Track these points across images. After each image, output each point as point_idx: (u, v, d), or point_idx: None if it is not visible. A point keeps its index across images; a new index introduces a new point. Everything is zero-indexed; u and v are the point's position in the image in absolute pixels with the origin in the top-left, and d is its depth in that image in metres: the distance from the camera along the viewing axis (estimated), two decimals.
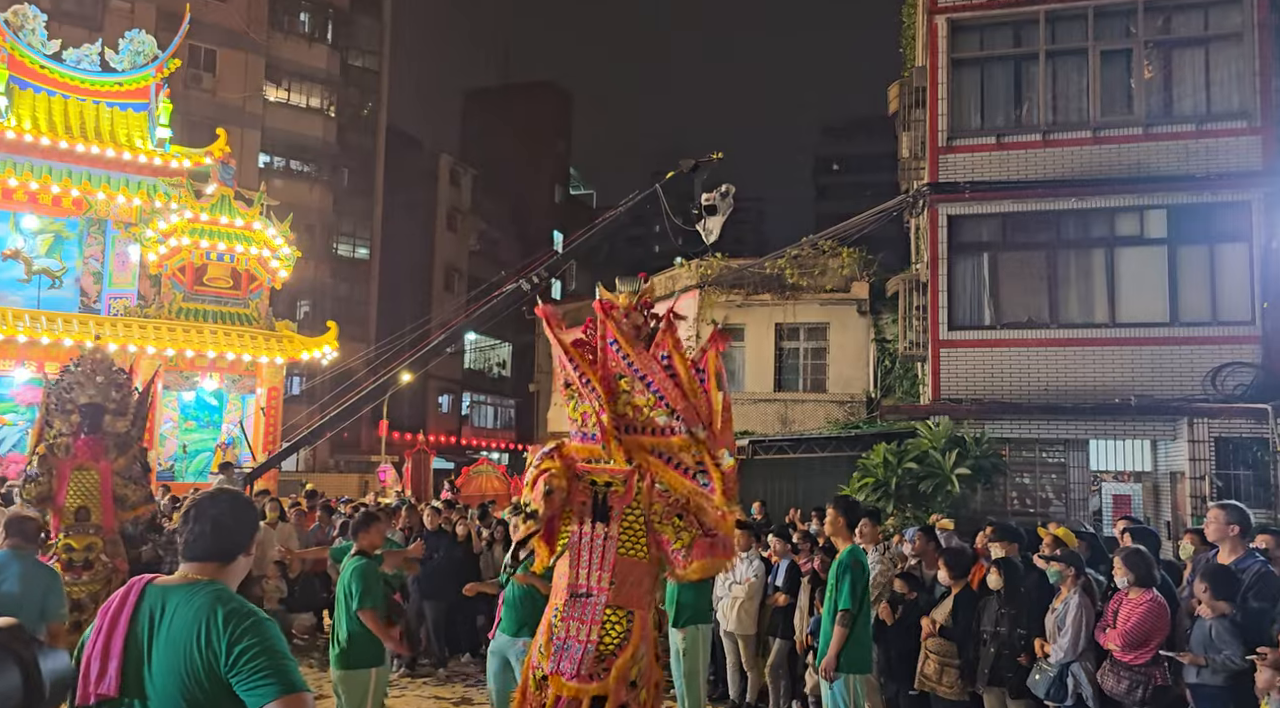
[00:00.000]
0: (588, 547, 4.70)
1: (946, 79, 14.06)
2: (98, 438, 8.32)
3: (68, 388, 8.50)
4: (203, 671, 2.39)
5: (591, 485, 4.75)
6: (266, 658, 2.38)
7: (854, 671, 5.94)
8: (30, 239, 19.21)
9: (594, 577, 4.66)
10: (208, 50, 32.90)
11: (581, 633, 4.61)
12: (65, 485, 8.06)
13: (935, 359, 13.72)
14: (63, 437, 8.24)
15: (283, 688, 2.36)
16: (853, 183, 58.82)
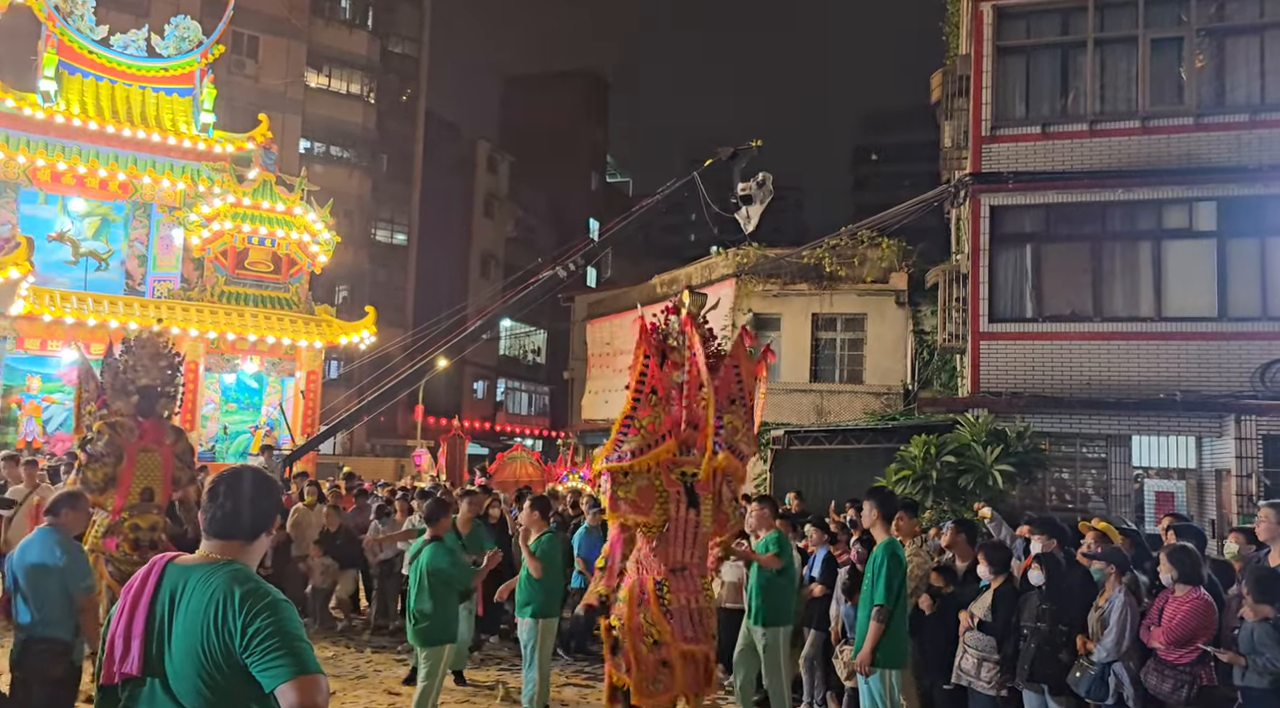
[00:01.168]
0: (683, 529, 5.80)
1: (991, 67, 13.82)
2: (158, 421, 8.42)
3: (128, 369, 8.50)
4: (219, 650, 2.40)
5: (681, 476, 5.83)
6: (280, 639, 2.38)
7: (890, 665, 5.90)
8: (78, 222, 19.57)
9: (688, 554, 5.82)
10: (250, 36, 33.23)
11: (690, 601, 5.78)
12: (133, 467, 8.15)
13: (975, 352, 13.55)
14: (124, 417, 8.26)
15: (296, 669, 2.36)
16: (892, 173, 58.29)
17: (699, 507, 5.83)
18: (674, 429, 5.84)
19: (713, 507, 5.91)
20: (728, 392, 6.05)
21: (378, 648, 10.19)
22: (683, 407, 5.95)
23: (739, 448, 5.97)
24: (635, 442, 5.75)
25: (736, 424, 6.00)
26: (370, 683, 8.70)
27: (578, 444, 27.89)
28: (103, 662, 2.53)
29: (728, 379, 6.06)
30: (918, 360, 19.56)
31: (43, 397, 18.64)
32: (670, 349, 6.07)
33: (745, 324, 8.04)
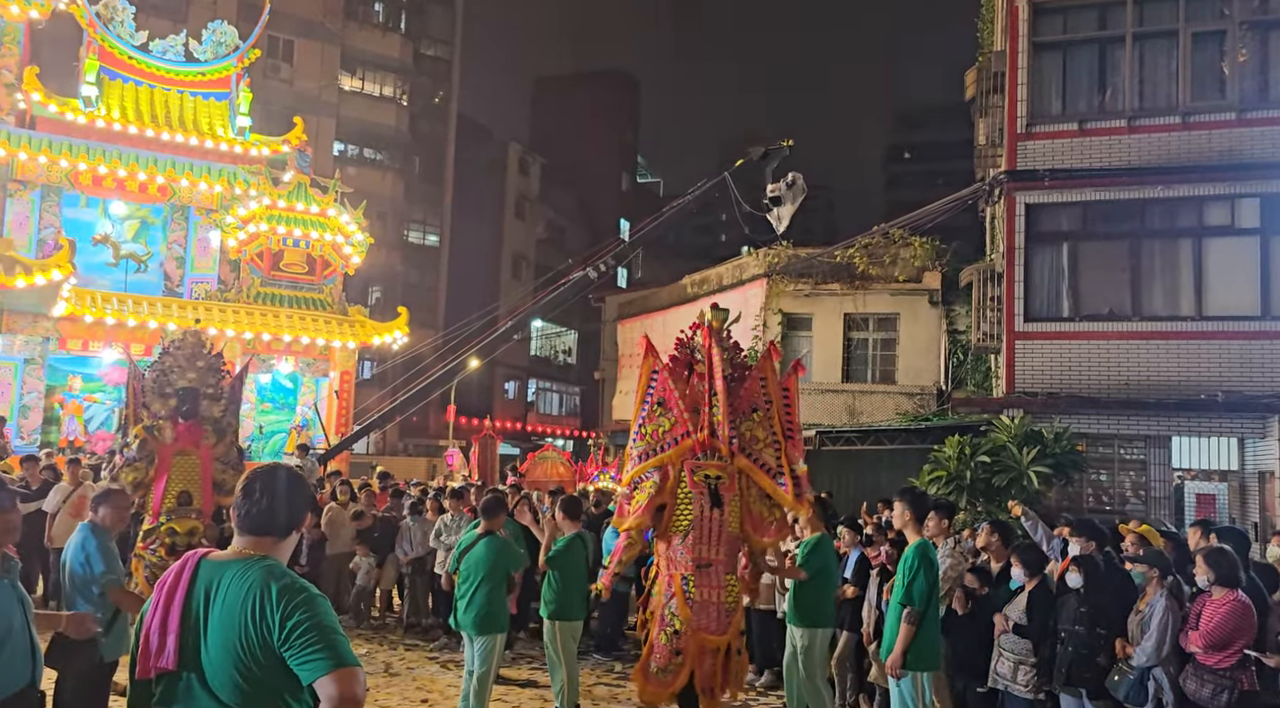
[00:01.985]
0: (707, 527, 6.21)
1: (1027, 63, 13.66)
2: (196, 423, 8.26)
3: (166, 371, 8.39)
4: (257, 644, 2.42)
5: (705, 478, 6.29)
6: (318, 633, 2.40)
7: (922, 667, 5.83)
8: (118, 225, 19.92)
9: (713, 550, 6.21)
10: (285, 40, 33.65)
11: (714, 596, 6.15)
12: (167, 470, 8.08)
13: (1010, 351, 13.39)
14: (161, 420, 8.15)
15: (334, 662, 2.38)
16: (925, 171, 57.79)
17: (723, 507, 6.24)
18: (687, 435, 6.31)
19: (740, 508, 6.30)
20: (750, 401, 6.44)
21: (410, 646, 10.26)
22: (708, 415, 6.35)
23: (759, 456, 6.36)
24: (641, 446, 6.31)
25: (757, 433, 6.40)
26: (403, 680, 8.76)
27: (608, 444, 27.93)
28: (137, 657, 2.56)
29: (751, 390, 6.47)
30: (951, 360, 19.37)
31: (84, 396, 18.98)
32: (697, 363, 6.55)
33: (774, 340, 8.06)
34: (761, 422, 6.42)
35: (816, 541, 7.29)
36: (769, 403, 6.45)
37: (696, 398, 6.42)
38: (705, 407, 6.37)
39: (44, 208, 18.89)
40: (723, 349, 6.47)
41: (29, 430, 17.96)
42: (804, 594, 7.08)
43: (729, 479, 6.28)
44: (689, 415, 6.36)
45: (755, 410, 6.43)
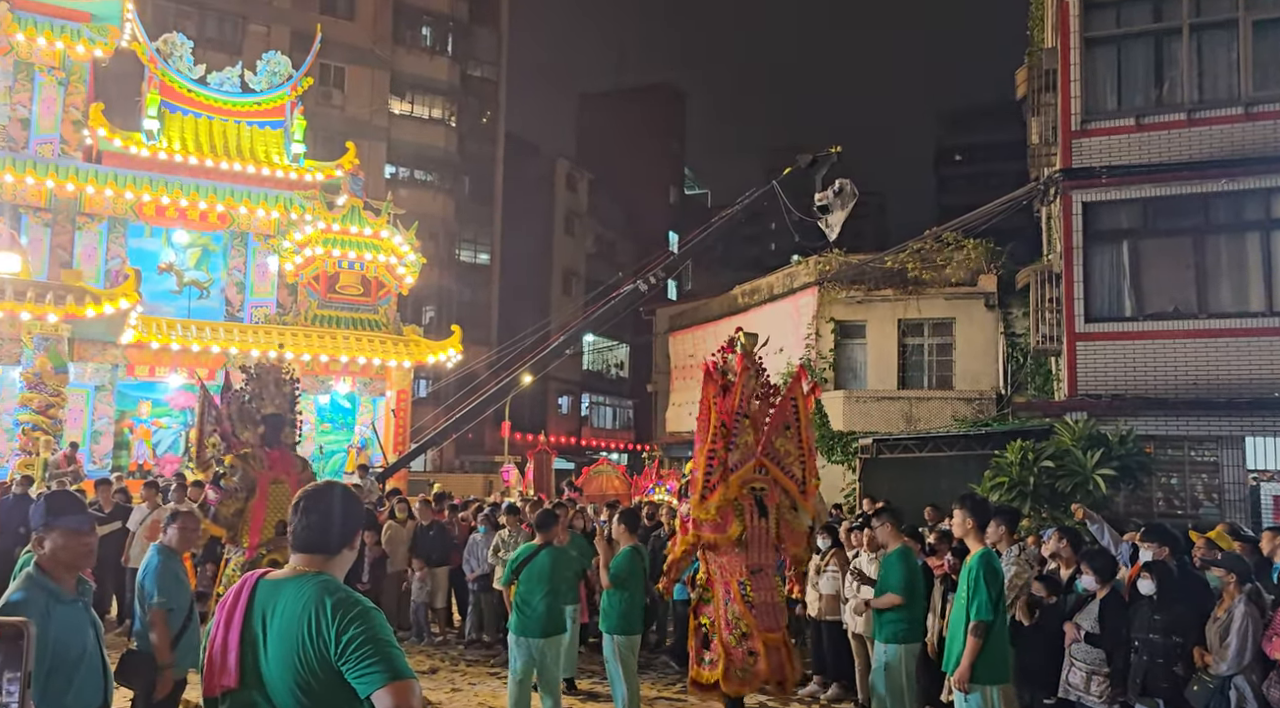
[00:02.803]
0: (758, 536, 7.01)
1: (1079, 60, 13.39)
2: (285, 451, 8.18)
3: (251, 398, 8.25)
4: (314, 659, 2.45)
5: (752, 490, 7.04)
6: (373, 647, 2.43)
7: (991, 681, 5.66)
8: (181, 253, 20.50)
9: (763, 556, 7.06)
10: (337, 68, 34.40)
11: (769, 597, 6.95)
12: (265, 500, 7.95)
13: (1071, 353, 13.09)
14: (252, 448, 8.03)
15: (390, 675, 2.40)
16: (977, 173, 56.94)
17: (768, 516, 7.09)
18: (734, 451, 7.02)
19: (776, 515, 7.12)
20: (783, 419, 7.26)
21: (471, 662, 10.32)
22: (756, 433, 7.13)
23: (790, 468, 7.18)
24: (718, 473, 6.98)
25: (789, 448, 7.21)
26: (465, 696, 8.81)
27: (663, 457, 27.89)
28: (204, 676, 2.62)
29: (783, 408, 7.29)
30: (1010, 364, 19.00)
31: (152, 421, 19.51)
32: (729, 384, 7.28)
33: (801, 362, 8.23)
34: (791, 437, 7.20)
35: (902, 552, 7.08)
36: (798, 421, 7.22)
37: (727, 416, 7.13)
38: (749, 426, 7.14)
39: (111, 239, 19.51)
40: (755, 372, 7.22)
41: (100, 455, 18.51)
42: (890, 609, 6.92)
43: (770, 490, 7.09)
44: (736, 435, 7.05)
45: (787, 427, 7.21)
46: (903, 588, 6.81)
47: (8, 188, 18.31)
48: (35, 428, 16.01)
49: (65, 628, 3.32)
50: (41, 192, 18.61)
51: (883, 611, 6.92)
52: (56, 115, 19.17)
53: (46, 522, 3.47)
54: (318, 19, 31.23)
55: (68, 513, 3.53)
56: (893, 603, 6.84)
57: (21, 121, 18.90)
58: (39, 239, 18.75)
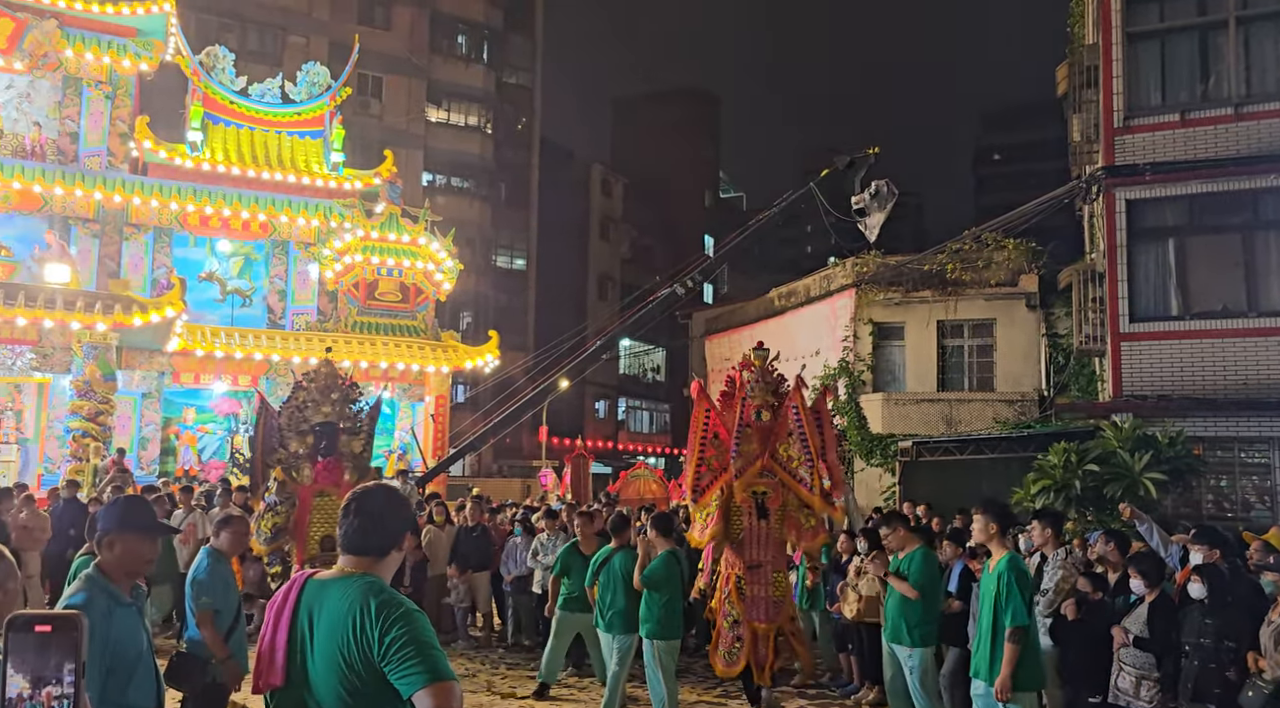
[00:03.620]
0: (755, 535, 7.75)
1: (1121, 55, 13.18)
2: (335, 460, 7.72)
3: (301, 406, 7.87)
4: (358, 658, 2.49)
5: (754, 494, 7.79)
6: (415, 648, 2.46)
7: (1032, 687, 5.62)
8: (224, 262, 20.85)
9: (761, 554, 7.77)
10: (374, 77, 34.80)
11: (762, 591, 7.67)
12: (308, 513, 7.66)
13: (1115, 354, 12.87)
14: (300, 460, 7.68)
15: (431, 676, 2.43)
16: (1016, 172, 56.25)
17: (769, 517, 7.77)
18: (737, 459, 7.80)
19: (781, 516, 7.82)
20: (786, 427, 7.90)
21: (511, 665, 10.36)
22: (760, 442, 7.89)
23: (796, 472, 7.79)
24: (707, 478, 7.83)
25: (792, 452, 7.83)
26: (505, 699, 8.84)
27: None
28: (254, 675, 2.68)
29: (785, 416, 7.92)
30: (1052, 365, 18.73)
31: (197, 427, 19.86)
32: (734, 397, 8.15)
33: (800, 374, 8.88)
34: (796, 442, 7.82)
35: (923, 554, 7.08)
36: (802, 428, 7.81)
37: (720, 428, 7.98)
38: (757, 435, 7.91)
39: (156, 249, 19.90)
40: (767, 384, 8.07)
41: (148, 461, 18.87)
42: (911, 612, 6.89)
43: (774, 493, 7.77)
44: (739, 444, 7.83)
45: (790, 434, 7.87)
46: (920, 586, 6.82)
47: (58, 200, 18.75)
48: (85, 435, 16.35)
49: (124, 630, 3.39)
50: (90, 203, 19.04)
51: (905, 614, 6.88)
52: (104, 129, 19.61)
53: (119, 527, 3.55)
54: (355, 29, 31.64)
55: (140, 521, 3.59)
56: (907, 593, 6.82)
57: (70, 135, 19.35)
58: (88, 250, 19.17)
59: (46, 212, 18.76)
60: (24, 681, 1.80)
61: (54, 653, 1.84)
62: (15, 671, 1.81)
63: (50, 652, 1.84)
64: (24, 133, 19.00)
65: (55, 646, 1.84)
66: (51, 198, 18.68)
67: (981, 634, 5.68)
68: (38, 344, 16.66)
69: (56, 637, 1.85)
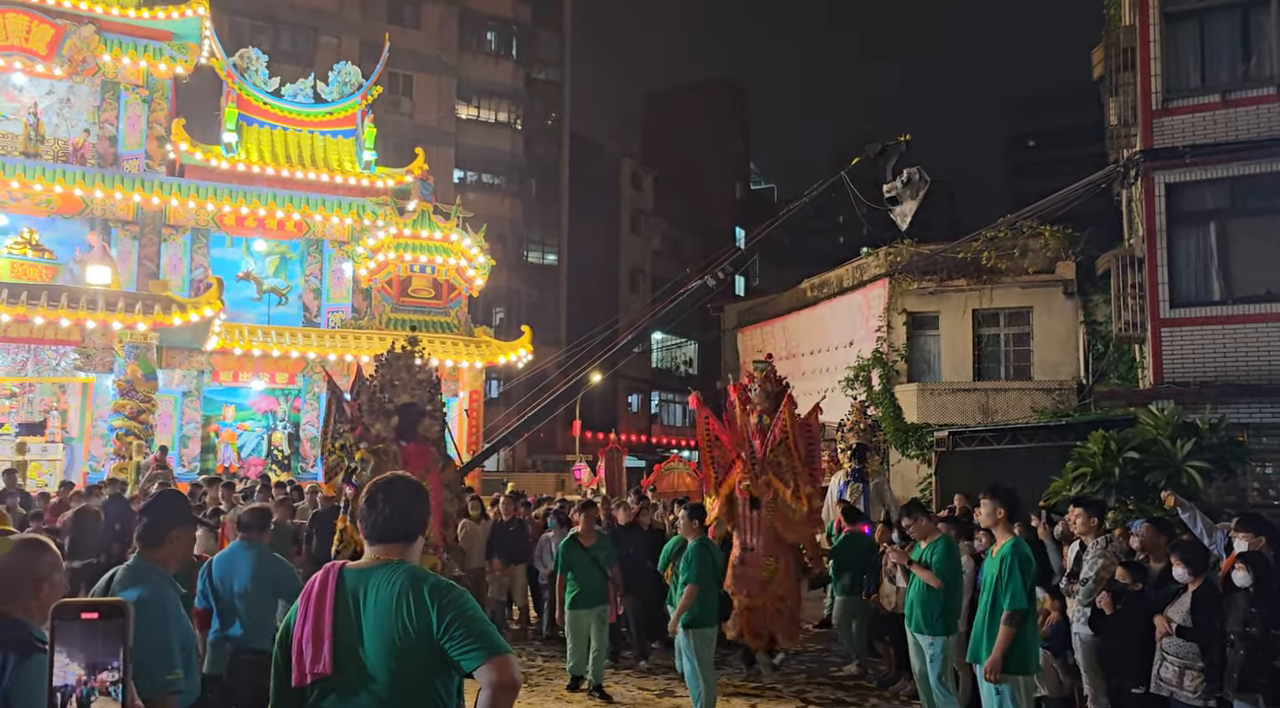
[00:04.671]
0: (747, 523, 9.17)
1: (1159, 36, 12.93)
2: (423, 445, 7.50)
3: (383, 387, 7.64)
4: (414, 637, 2.60)
5: (746, 487, 9.14)
6: (471, 625, 2.60)
7: (1023, 671, 5.66)
8: (260, 261, 21.13)
9: (753, 540, 9.15)
10: (405, 76, 35.03)
11: (753, 572, 9.04)
12: None
13: (1156, 340, 12.65)
14: (385, 442, 7.41)
15: (489, 651, 2.57)
16: (1052, 158, 55.45)
17: (760, 509, 9.09)
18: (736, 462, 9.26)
19: (772, 508, 9.05)
20: (778, 435, 9.15)
21: (548, 657, 10.42)
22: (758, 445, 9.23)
23: (784, 476, 9.09)
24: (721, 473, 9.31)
25: (780, 459, 9.13)
26: (542, 691, 8.90)
27: None
28: (293, 666, 2.70)
29: (776, 425, 9.18)
30: (1091, 353, 18.46)
31: (237, 425, 20.17)
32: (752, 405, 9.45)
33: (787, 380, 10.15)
34: (783, 451, 9.11)
35: (945, 543, 7.05)
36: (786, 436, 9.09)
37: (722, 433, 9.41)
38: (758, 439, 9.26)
39: (194, 249, 20.21)
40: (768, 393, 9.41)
41: (189, 458, 19.20)
42: (931, 600, 6.87)
43: (763, 489, 9.06)
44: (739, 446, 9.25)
45: (780, 442, 9.11)
46: (942, 574, 6.82)
47: (98, 203, 19.10)
48: (128, 433, 16.67)
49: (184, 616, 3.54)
50: (129, 206, 19.37)
51: (927, 603, 6.86)
52: (141, 132, 19.94)
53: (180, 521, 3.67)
54: (386, 29, 31.89)
55: (191, 514, 3.78)
56: (930, 581, 6.83)
57: (109, 139, 19.69)
58: (127, 251, 19.51)
59: (87, 214, 19.12)
60: (78, 667, 1.86)
61: (103, 640, 1.89)
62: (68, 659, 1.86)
63: (99, 639, 1.89)
64: (65, 137, 19.37)
65: (104, 633, 1.89)
66: (92, 201, 19.03)
67: (980, 618, 5.67)
68: (81, 345, 17.00)
69: (104, 624, 1.89)
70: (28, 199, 18.46)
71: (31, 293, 15.88)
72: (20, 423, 17.37)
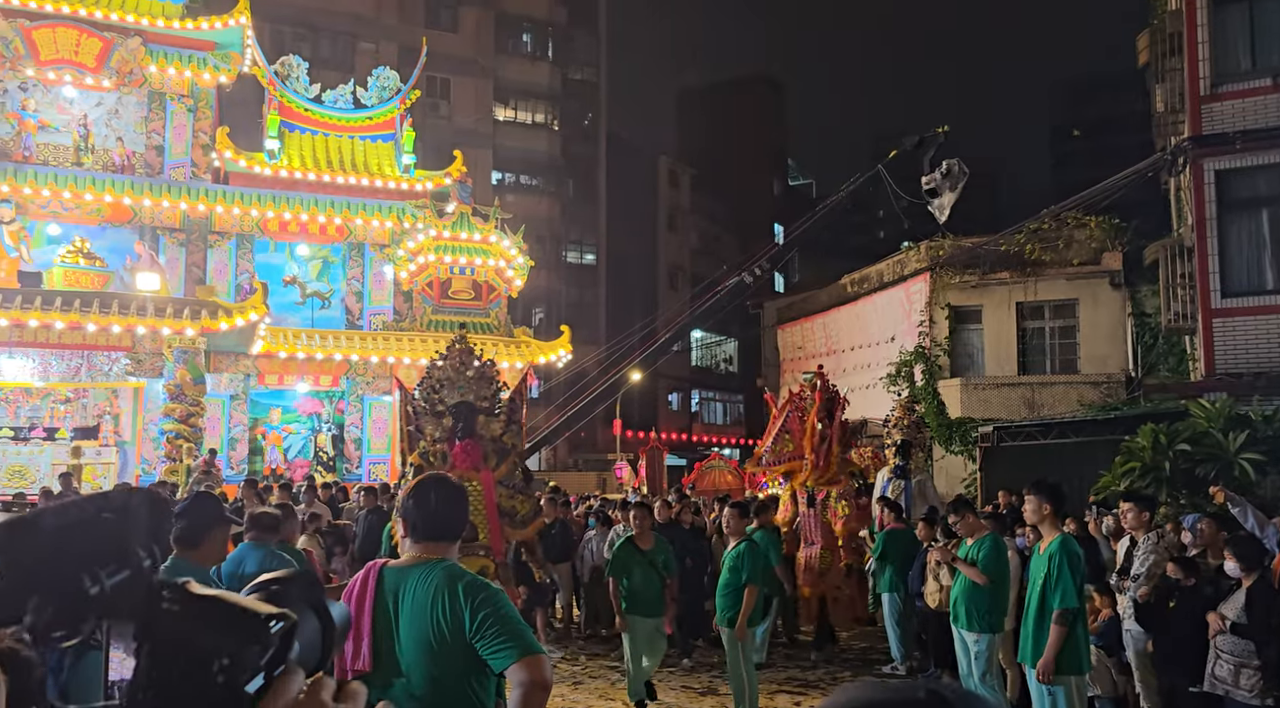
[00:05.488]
0: (806, 519, 10.57)
1: (1207, 20, 12.64)
2: (474, 443, 7.19)
3: (435, 387, 7.45)
4: (449, 635, 2.64)
5: (805, 486, 10.59)
6: (505, 624, 2.62)
7: (1077, 671, 5.54)
8: (303, 266, 21.44)
9: (814, 535, 10.46)
10: (442, 79, 35.31)
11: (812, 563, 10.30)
12: None
13: (1207, 331, 12.37)
14: (438, 443, 7.21)
15: (521, 651, 2.58)
16: (1096, 148, 54.39)
17: (816, 506, 10.47)
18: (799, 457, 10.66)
19: (824, 505, 10.44)
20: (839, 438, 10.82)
21: (591, 654, 10.46)
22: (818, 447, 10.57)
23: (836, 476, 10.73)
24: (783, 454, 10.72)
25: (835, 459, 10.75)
26: (586, 689, 8.93)
27: None
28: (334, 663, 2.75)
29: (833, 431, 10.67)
30: (1139, 345, 18.08)
31: (282, 427, 20.48)
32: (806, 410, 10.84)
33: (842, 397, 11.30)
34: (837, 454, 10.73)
35: (992, 540, 6.97)
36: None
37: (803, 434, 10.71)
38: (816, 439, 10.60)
39: (239, 255, 20.56)
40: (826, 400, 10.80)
41: (237, 461, 19.54)
42: (975, 596, 6.79)
43: (820, 488, 10.51)
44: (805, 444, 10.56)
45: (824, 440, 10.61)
46: (989, 572, 6.74)
47: (146, 211, 19.51)
48: (178, 436, 17.00)
49: None
50: (176, 213, 19.76)
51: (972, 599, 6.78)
52: (187, 141, 20.33)
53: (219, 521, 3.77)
54: (423, 33, 32.12)
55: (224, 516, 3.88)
56: (976, 578, 6.74)
57: (156, 148, 20.11)
58: (175, 258, 19.91)
59: (136, 223, 19.54)
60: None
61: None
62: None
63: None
64: (113, 148, 19.81)
65: None
66: (140, 210, 19.44)
67: (1029, 617, 5.59)
68: (132, 350, 17.38)
69: None
70: (79, 209, 18.92)
71: (84, 300, 16.27)
72: (75, 427, 17.81)
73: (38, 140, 19.27)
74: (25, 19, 18.57)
